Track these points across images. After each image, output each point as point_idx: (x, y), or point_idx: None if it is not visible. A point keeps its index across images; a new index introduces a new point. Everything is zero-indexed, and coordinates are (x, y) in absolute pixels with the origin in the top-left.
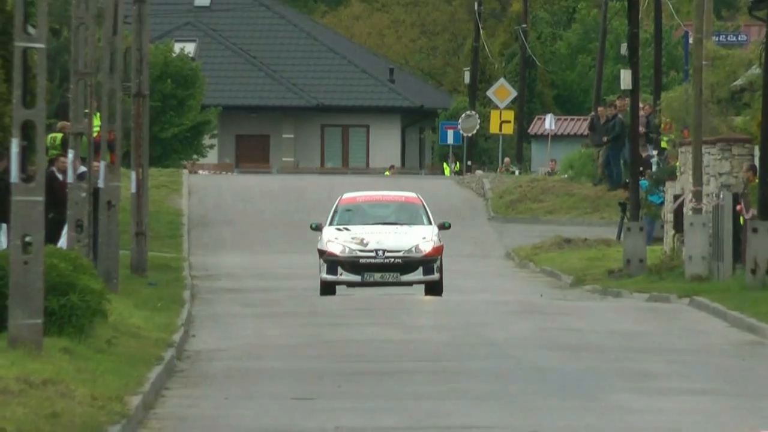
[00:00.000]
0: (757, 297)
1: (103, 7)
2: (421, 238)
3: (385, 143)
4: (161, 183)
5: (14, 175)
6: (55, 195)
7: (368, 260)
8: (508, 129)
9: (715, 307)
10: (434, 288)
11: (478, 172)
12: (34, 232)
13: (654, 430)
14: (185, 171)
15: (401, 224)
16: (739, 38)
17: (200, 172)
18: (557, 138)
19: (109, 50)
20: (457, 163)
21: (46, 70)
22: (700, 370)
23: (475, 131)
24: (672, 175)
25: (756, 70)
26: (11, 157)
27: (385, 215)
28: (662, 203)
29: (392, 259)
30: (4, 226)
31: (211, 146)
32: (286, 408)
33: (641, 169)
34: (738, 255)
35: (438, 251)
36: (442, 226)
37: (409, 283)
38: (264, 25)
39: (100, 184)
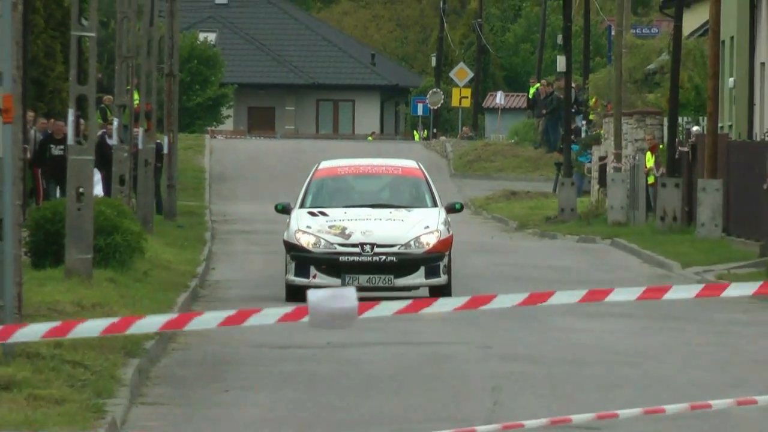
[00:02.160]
0: (665, 239)
1: (142, 3)
2: (423, 227)
3: (368, 114)
4: (188, 145)
5: (70, 138)
6: (104, 154)
7: (351, 258)
8: (466, 103)
9: (631, 246)
10: (441, 293)
11: (442, 138)
12: (85, 185)
13: (584, 345)
14: (207, 136)
15: (397, 207)
16: (652, 31)
17: (219, 137)
18: (506, 111)
19: (147, 38)
20: (425, 131)
21: (96, 55)
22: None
23: (439, 105)
24: (597, 141)
25: (665, 57)
26: (68, 123)
27: (375, 193)
28: (590, 163)
29: (384, 257)
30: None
31: (228, 116)
32: (287, 327)
33: (572, 135)
34: (649, 205)
35: (446, 245)
36: (452, 209)
37: (407, 289)
38: (271, 19)
39: (139, 145)
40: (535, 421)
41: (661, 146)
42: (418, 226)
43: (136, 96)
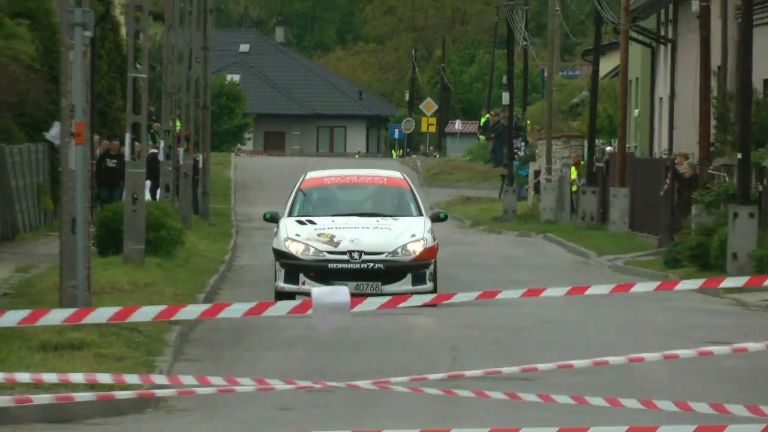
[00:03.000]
0: (585, 234)
1: (183, 51)
2: (409, 235)
3: (356, 137)
4: (218, 161)
5: (127, 156)
6: (153, 169)
7: (340, 265)
8: (432, 129)
9: (559, 240)
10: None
11: (413, 155)
12: (139, 192)
13: (530, 316)
14: (233, 154)
15: (384, 215)
16: (575, 73)
17: (242, 155)
18: (462, 135)
19: (186, 79)
20: (401, 150)
21: (147, 91)
22: (550, 277)
23: (411, 130)
24: (533, 158)
25: (585, 93)
26: (125, 145)
27: (362, 202)
28: (527, 175)
29: (371, 264)
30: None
31: (249, 139)
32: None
33: (514, 154)
34: (573, 208)
35: (431, 253)
36: (436, 218)
37: (393, 295)
38: (282, 64)
39: (180, 161)
40: (474, 371)
41: (582, 162)
42: (404, 234)
43: (177, 123)
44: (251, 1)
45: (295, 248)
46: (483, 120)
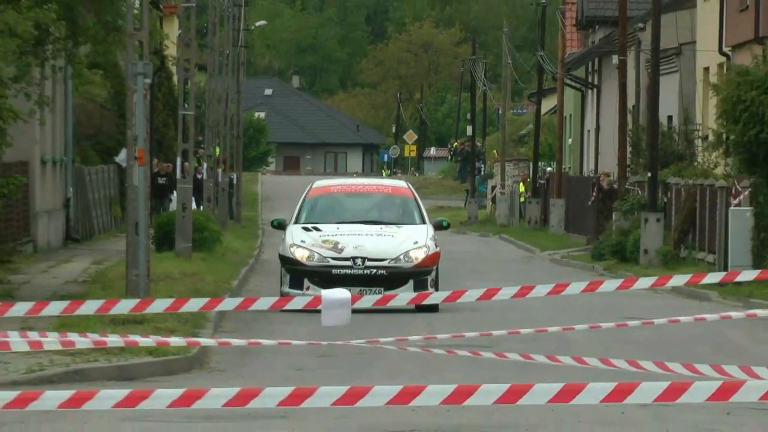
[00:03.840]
0: (530, 234)
1: (221, 94)
2: (412, 242)
3: (354, 160)
4: (248, 179)
5: (178, 175)
6: (198, 185)
7: (343, 271)
8: (413, 153)
9: (511, 239)
10: (428, 307)
11: (399, 173)
12: (188, 202)
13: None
14: (260, 174)
15: (387, 223)
16: (523, 110)
17: (266, 174)
18: (437, 159)
19: (224, 115)
20: (389, 170)
21: (193, 125)
22: (505, 270)
23: (397, 155)
24: (491, 176)
25: (531, 126)
26: (177, 166)
27: (366, 210)
28: (486, 190)
29: (374, 270)
30: (174, 197)
31: (272, 162)
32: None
33: (478, 173)
34: (521, 214)
35: (434, 260)
36: (439, 226)
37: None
38: (298, 104)
39: (219, 179)
40: (415, 336)
41: (528, 179)
42: (407, 242)
43: (217, 149)
44: (273, 55)
45: (300, 254)
46: (452, 147)
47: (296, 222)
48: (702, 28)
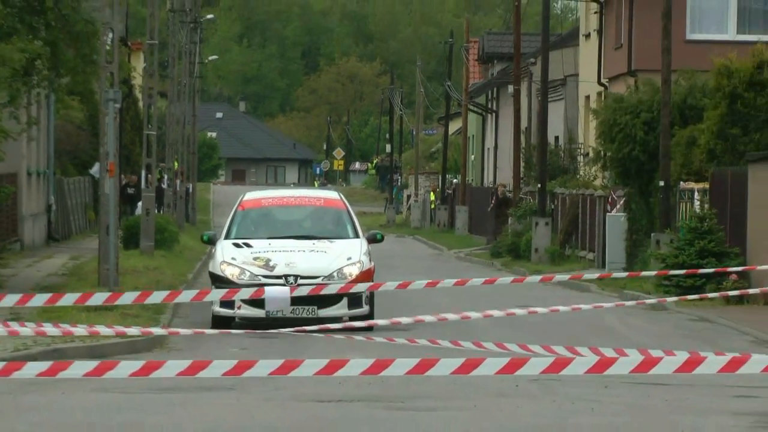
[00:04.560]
0: (440, 235)
1: (179, 117)
2: (345, 258)
3: (291, 173)
4: (202, 189)
5: (143, 185)
6: (160, 193)
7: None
8: (341, 167)
9: (423, 239)
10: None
11: (329, 185)
12: (151, 208)
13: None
14: (211, 184)
15: (320, 238)
16: (433, 131)
17: (217, 184)
18: (361, 172)
19: (181, 135)
20: (321, 182)
21: (156, 142)
22: (419, 265)
23: (327, 168)
24: (406, 187)
25: (440, 144)
26: (141, 178)
27: (298, 224)
28: (402, 198)
29: (308, 288)
30: (140, 204)
31: (222, 174)
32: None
33: (395, 184)
34: (432, 219)
35: (368, 276)
36: (373, 239)
37: (331, 320)
38: (244, 125)
39: (177, 188)
40: (382, 320)
41: (437, 189)
42: (340, 258)
43: (176, 163)
44: (224, 84)
45: (231, 272)
46: (374, 162)
47: (227, 237)
48: (583, 62)
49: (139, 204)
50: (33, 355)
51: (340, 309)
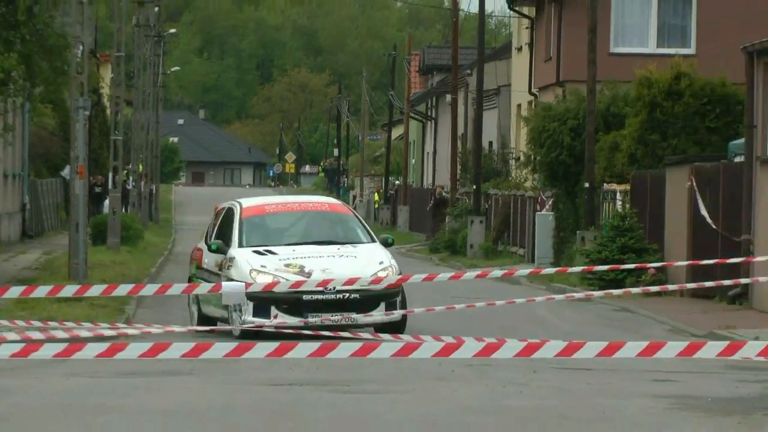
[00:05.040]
0: (385, 233)
1: (144, 124)
2: (377, 263)
3: (247, 175)
4: (164, 189)
5: (110, 186)
6: (126, 193)
7: (314, 296)
8: (292, 170)
9: None
10: (396, 329)
11: (281, 186)
12: (117, 207)
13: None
14: (173, 185)
15: (339, 243)
16: (377, 137)
17: (179, 186)
18: (311, 174)
19: (146, 140)
20: (274, 183)
21: (122, 147)
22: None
23: (280, 170)
24: (352, 188)
25: (383, 149)
26: (108, 179)
27: (312, 230)
28: (349, 198)
29: (347, 294)
30: (107, 202)
31: (183, 176)
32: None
33: (342, 185)
34: (375, 217)
35: (400, 280)
36: (386, 243)
37: (368, 326)
38: (203, 131)
39: (142, 189)
40: (275, 320)
41: (381, 190)
42: (372, 263)
43: (140, 166)
44: (185, 93)
45: (263, 280)
46: (322, 165)
47: (240, 245)
48: (515, 73)
49: (106, 203)
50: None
51: (378, 314)
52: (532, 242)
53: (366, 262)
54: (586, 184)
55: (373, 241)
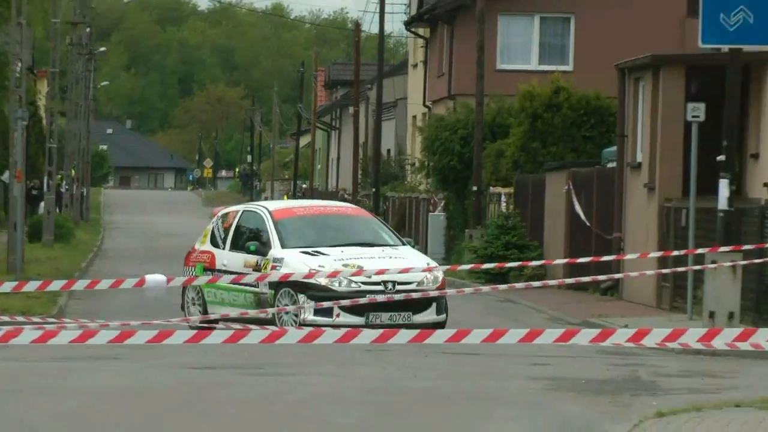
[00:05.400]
0: None
1: (76, 133)
2: (424, 264)
3: (168, 180)
4: (94, 192)
5: (45, 188)
6: (60, 195)
7: (376, 296)
8: (210, 175)
9: None
10: (441, 329)
11: (199, 189)
12: (51, 209)
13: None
14: (102, 188)
15: (381, 245)
16: (287, 145)
17: (107, 189)
18: (227, 178)
19: (78, 147)
20: (193, 186)
21: (57, 154)
22: None
23: (199, 176)
24: (264, 191)
25: (292, 156)
26: (44, 183)
27: (348, 232)
28: (263, 200)
29: (407, 295)
30: (42, 204)
31: (111, 179)
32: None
33: (255, 188)
34: None
35: (445, 282)
36: (411, 245)
37: (422, 326)
38: (129, 140)
39: (73, 192)
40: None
41: (290, 193)
42: (419, 264)
43: (72, 171)
44: (113, 105)
45: (324, 279)
46: (237, 170)
47: (284, 246)
48: (411, 88)
49: (42, 204)
50: None
51: (430, 314)
52: (426, 239)
53: (413, 263)
54: (474, 188)
55: (404, 244)
